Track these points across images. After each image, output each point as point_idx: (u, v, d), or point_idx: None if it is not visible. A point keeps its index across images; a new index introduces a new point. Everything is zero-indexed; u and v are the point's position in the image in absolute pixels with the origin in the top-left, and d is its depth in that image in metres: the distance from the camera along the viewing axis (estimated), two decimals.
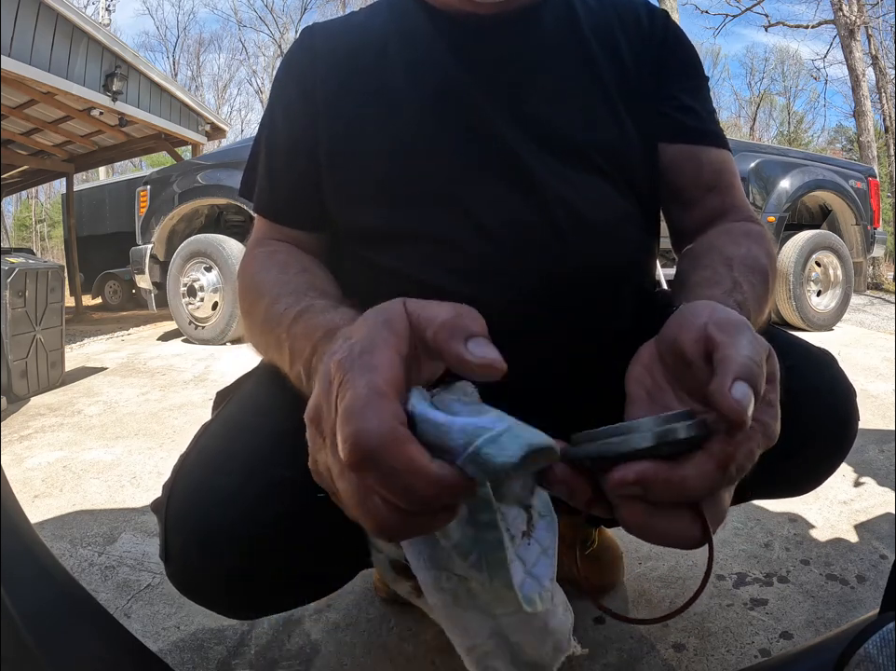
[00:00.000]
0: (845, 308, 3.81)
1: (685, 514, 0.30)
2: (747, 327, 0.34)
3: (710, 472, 0.29)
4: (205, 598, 0.48)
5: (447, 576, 0.34)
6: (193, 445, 0.49)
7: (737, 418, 0.29)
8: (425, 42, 0.59)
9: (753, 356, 0.31)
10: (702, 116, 0.62)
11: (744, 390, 0.29)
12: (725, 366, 0.30)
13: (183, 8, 39.23)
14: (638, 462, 0.29)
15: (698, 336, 0.34)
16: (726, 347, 0.32)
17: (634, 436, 0.29)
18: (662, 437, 0.29)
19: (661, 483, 0.29)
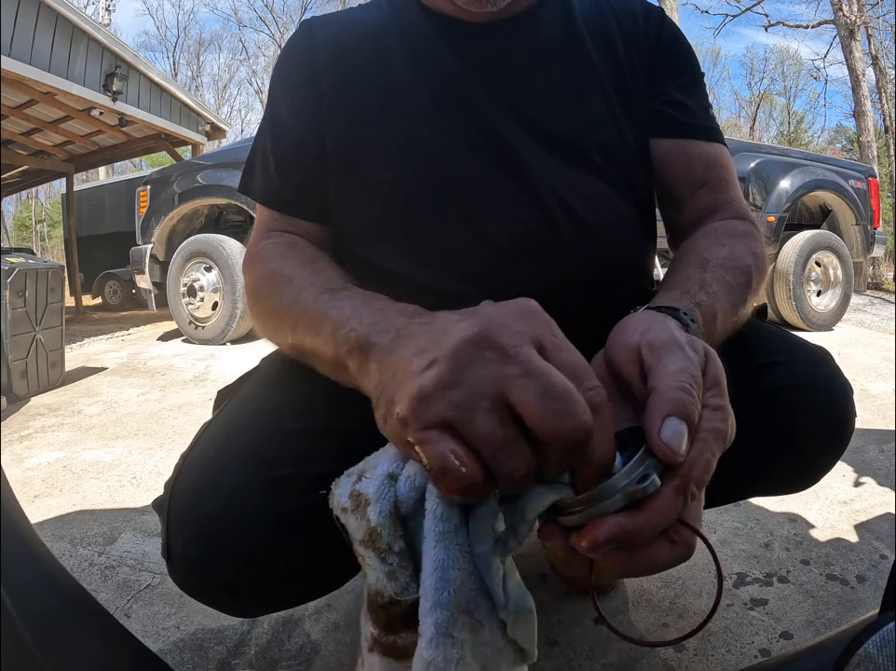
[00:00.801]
0: (845, 308, 3.81)
1: (661, 543, 0.31)
2: (676, 345, 0.34)
3: (671, 503, 0.30)
4: (206, 596, 0.48)
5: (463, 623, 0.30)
6: (195, 444, 0.49)
7: (670, 460, 0.30)
8: (424, 41, 0.59)
9: (681, 382, 0.32)
10: (694, 111, 0.61)
11: (674, 426, 0.30)
12: (653, 403, 0.32)
13: (184, 8, 39.27)
14: (605, 521, 0.29)
15: (632, 357, 0.35)
16: (655, 375, 0.33)
17: (608, 503, 0.30)
18: (631, 497, 0.30)
19: (629, 533, 0.29)
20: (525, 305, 0.32)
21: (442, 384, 0.29)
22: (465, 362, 0.29)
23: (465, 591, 0.30)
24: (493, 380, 0.28)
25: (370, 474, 0.34)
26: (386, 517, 0.32)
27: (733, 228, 0.56)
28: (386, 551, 0.32)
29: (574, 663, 0.75)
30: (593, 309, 0.56)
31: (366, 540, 0.33)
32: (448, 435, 0.28)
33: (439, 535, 0.30)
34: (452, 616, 0.30)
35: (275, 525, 0.43)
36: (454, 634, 0.30)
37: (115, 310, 6.95)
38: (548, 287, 0.54)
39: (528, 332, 0.30)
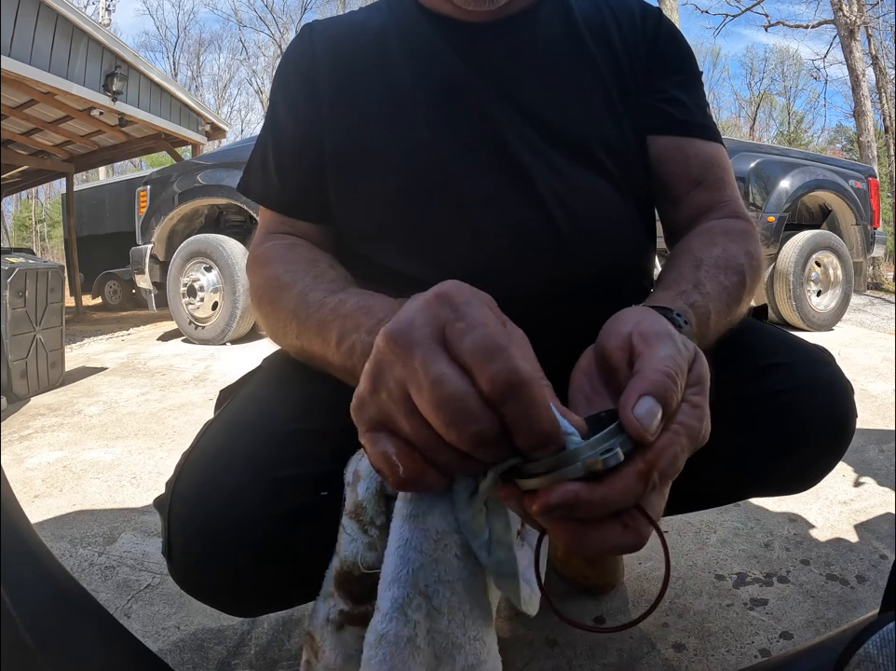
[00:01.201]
0: (845, 307, 3.81)
1: (614, 524, 0.30)
2: (669, 336, 0.34)
3: (631, 485, 0.29)
4: (207, 596, 0.48)
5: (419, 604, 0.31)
6: (196, 443, 0.49)
7: (638, 437, 0.30)
8: (425, 42, 0.59)
9: (666, 367, 0.32)
10: (691, 109, 0.61)
11: (649, 405, 0.30)
12: (634, 381, 0.31)
13: (184, 8, 39.26)
14: (560, 486, 0.29)
15: (622, 345, 0.35)
16: (642, 359, 0.33)
17: (567, 470, 0.29)
18: (591, 467, 0.29)
19: (583, 503, 0.29)
20: (434, 291, 0.30)
21: (369, 390, 0.30)
22: (381, 367, 0.30)
23: (424, 574, 0.31)
24: (398, 385, 0.29)
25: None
26: (372, 494, 0.35)
27: (728, 227, 0.56)
28: (368, 524, 0.35)
29: (574, 663, 0.75)
30: (593, 309, 0.56)
31: (353, 511, 0.36)
32: (386, 436, 0.30)
33: (405, 516, 0.32)
34: (408, 595, 0.31)
35: (276, 524, 0.43)
36: (408, 613, 0.31)
37: (115, 310, 6.95)
38: (548, 286, 0.54)
39: (430, 326, 0.29)
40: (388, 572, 0.31)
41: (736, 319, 0.50)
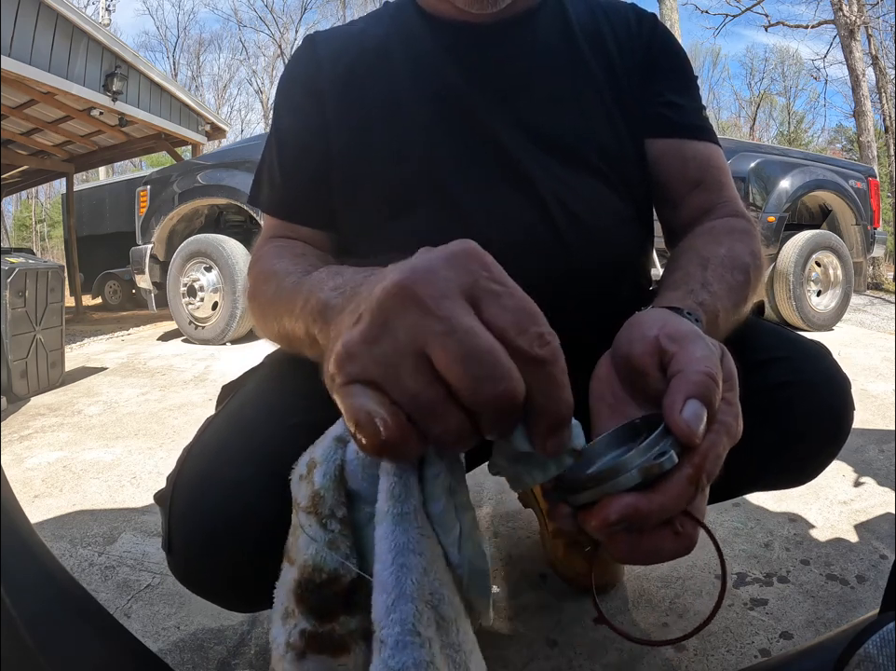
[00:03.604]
0: (845, 307, 3.81)
1: (666, 532, 0.31)
2: (698, 335, 0.34)
3: (684, 491, 0.30)
4: (206, 590, 0.48)
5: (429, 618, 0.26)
6: (198, 437, 0.50)
7: (687, 440, 0.30)
8: (425, 49, 0.60)
9: (707, 367, 0.32)
10: (688, 112, 0.62)
11: (695, 408, 0.30)
12: (677, 384, 0.31)
13: (184, 8, 39.22)
14: (617, 500, 0.29)
15: (651, 350, 0.34)
16: (678, 361, 0.33)
17: (624, 478, 0.29)
18: (648, 473, 0.29)
19: (642, 515, 0.29)
20: (460, 246, 0.28)
21: (365, 339, 0.26)
22: (388, 316, 0.26)
23: (428, 580, 0.27)
24: (413, 337, 0.25)
25: (322, 440, 0.33)
26: (331, 480, 0.30)
27: (730, 226, 0.57)
28: (328, 516, 0.30)
29: (574, 663, 0.75)
30: (593, 308, 0.56)
31: (309, 505, 0.31)
32: (369, 391, 0.26)
33: (397, 517, 0.27)
34: (417, 610, 0.26)
35: (276, 519, 0.44)
36: (421, 631, 0.26)
37: (115, 310, 6.95)
38: (548, 287, 0.54)
39: (458, 279, 0.26)
40: (389, 587, 0.26)
41: (741, 317, 0.50)
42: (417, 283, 0.26)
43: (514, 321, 0.26)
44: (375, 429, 0.25)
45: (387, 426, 0.25)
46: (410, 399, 0.25)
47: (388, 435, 0.25)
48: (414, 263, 0.27)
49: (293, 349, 0.47)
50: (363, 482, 0.30)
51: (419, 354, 0.25)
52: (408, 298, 0.26)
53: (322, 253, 0.58)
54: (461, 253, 0.27)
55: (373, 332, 0.26)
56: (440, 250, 0.28)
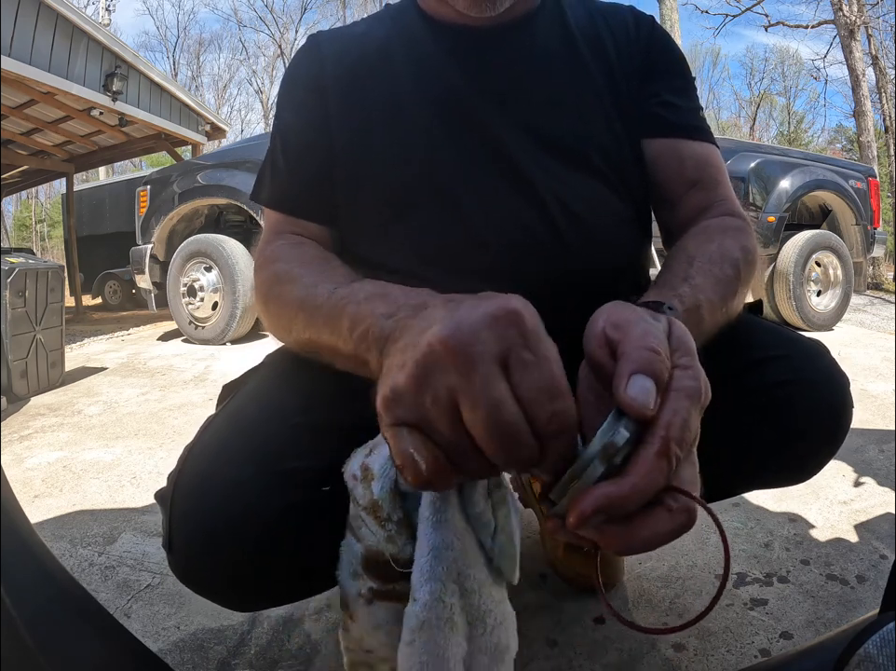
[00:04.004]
0: (845, 307, 3.81)
1: (659, 512, 0.31)
2: (640, 318, 0.35)
3: (655, 464, 0.29)
4: (206, 589, 0.48)
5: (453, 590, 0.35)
6: (199, 437, 0.50)
7: (638, 413, 0.30)
8: (427, 51, 0.60)
9: (647, 342, 0.32)
10: (685, 112, 0.63)
11: (640, 382, 0.30)
12: (620, 365, 0.32)
13: (184, 8, 39.21)
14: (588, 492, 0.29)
15: (600, 342, 0.35)
16: (622, 345, 0.33)
17: (588, 473, 0.30)
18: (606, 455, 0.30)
19: (616, 500, 0.29)
20: (505, 308, 0.30)
21: (409, 387, 0.30)
22: (430, 370, 0.29)
23: (456, 567, 0.35)
24: (449, 393, 0.29)
25: (377, 452, 0.38)
26: (387, 492, 0.37)
27: (724, 225, 0.57)
28: (385, 520, 0.37)
29: (574, 663, 0.75)
30: (593, 309, 0.56)
31: (369, 507, 0.38)
32: (414, 433, 0.30)
33: (434, 523, 0.34)
34: (444, 585, 0.34)
35: (277, 518, 0.44)
36: (445, 599, 0.34)
37: (115, 310, 6.95)
38: (548, 287, 0.54)
39: (495, 345, 0.29)
40: (425, 571, 0.34)
41: (733, 311, 0.50)
42: (460, 344, 0.29)
43: (536, 397, 0.29)
44: (418, 468, 0.29)
45: (428, 466, 0.29)
46: (446, 444, 0.29)
47: (429, 473, 0.29)
48: (460, 319, 0.30)
49: (320, 356, 0.46)
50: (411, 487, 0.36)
51: (454, 410, 0.29)
52: (449, 357, 0.29)
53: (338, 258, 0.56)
54: (503, 317, 0.29)
55: (416, 382, 0.30)
56: (485, 307, 0.30)
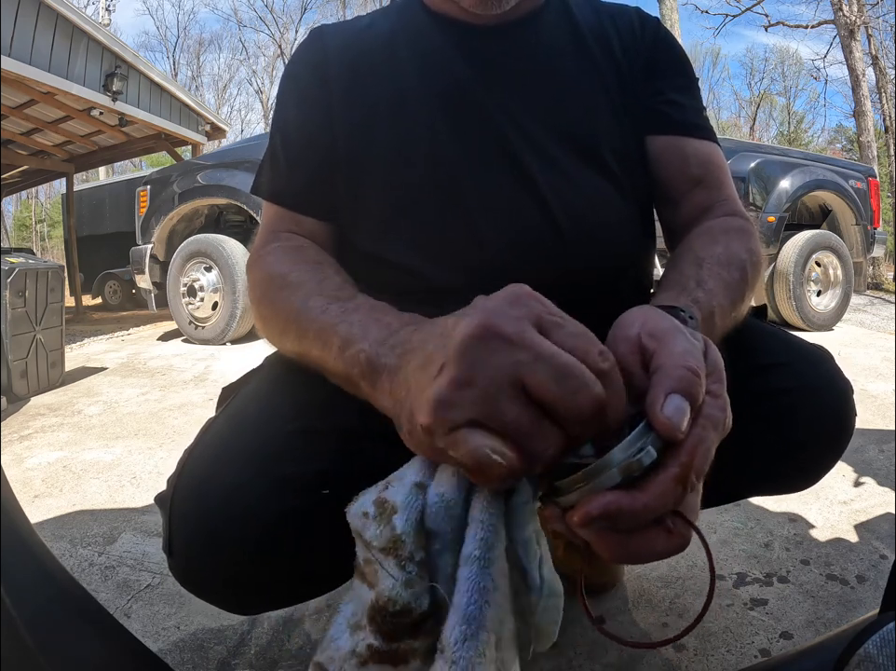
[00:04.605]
0: (845, 307, 3.81)
1: (657, 531, 0.30)
2: (679, 330, 0.34)
3: (671, 490, 0.29)
4: (206, 592, 0.48)
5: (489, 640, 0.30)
6: (198, 440, 0.49)
7: (670, 436, 0.29)
8: (432, 46, 0.60)
9: (687, 361, 0.31)
10: (689, 111, 0.62)
11: (676, 402, 0.30)
12: (658, 380, 0.31)
13: (184, 8, 39.20)
14: (599, 496, 0.29)
15: (632, 348, 0.34)
16: (658, 356, 0.33)
17: (604, 478, 0.29)
18: (628, 471, 0.29)
19: (626, 513, 0.29)
20: (517, 290, 0.32)
21: (457, 385, 0.29)
22: (474, 358, 0.29)
23: (500, 612, 0.31)
24: (506, 369, 0.29)
25: (396, 484, 0.34)
26: (412, 526, 0.32)
27: (728, 226, 0.57)
28: (407, 559, 0.32)
29: (574, 663, 0.75)
30: (594, 308, 0.56)
31: (388, 547, 0.33)
32: (478, 431, 0.29)
33: (485, 562, 0.31)
34: (488, 638, 0.30)
35: (276, 522, 0.44)
36: (488, 653, 0.30)
37: (115, 310, 6.95)
38: (548, 286, 0.54)
39: (527, 315, 0.30)
40: (472, 620, 0.30)
41: (739, 315, 0.50)
42: (497, 322, 0.30)
43: (579, 344, 0.30)
44: (498, 464, 0.28)
45: (508, 458, 0.28)
46: (513, 425, 0.29)
47: (511, 463, 0.28)
48: (483, 307, 0.31)
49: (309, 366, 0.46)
50: (443, 523, 0.33)
51: (514, 383, 0.29)
52: (493, 336, 0.29)
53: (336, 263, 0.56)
54: (521, 294, 0.32)
55: (465, 374, 0.29)
56: (498, 295, 0.32)
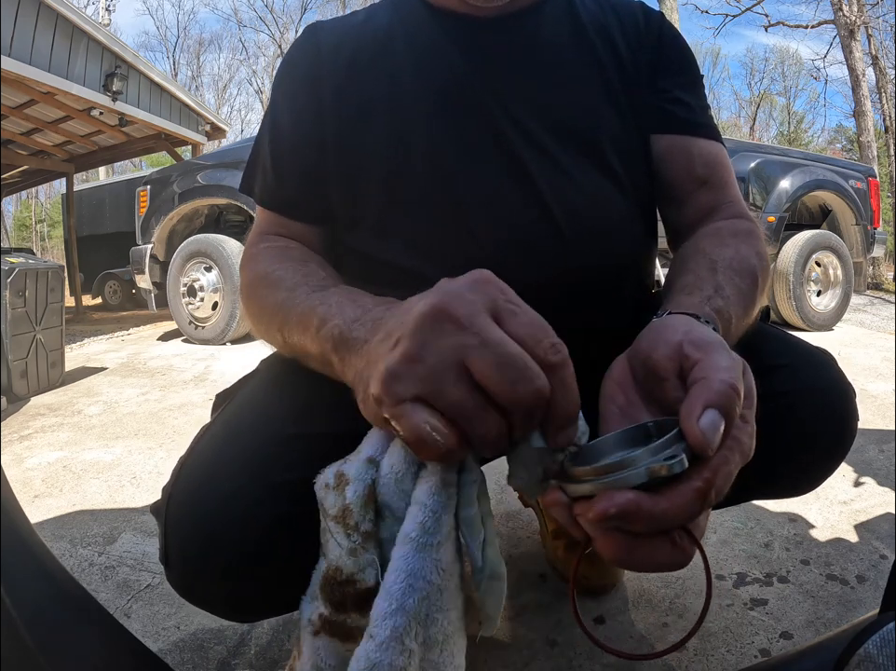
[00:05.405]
0: (845, 307, 3.81)
1: (662, 542, 0.30)
2: (722, 346, 0.34)
3: (690, 503, 0.29)
4: (204, 601, 0.47)
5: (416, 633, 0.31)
6: (192, 448, 0.49)
7: (700, 449, 0.29)
8: (429, 39, 0.59)
9: (731, 378, 0.31)
10: (694, 109, 0.62)
11: (713, 417, 0.30)
12: (698, 390, 0.31)
13: (184, 8, 39.22)
14: (620, 493, 0.29)
15: (673, 355, 0.34)
16: (702, 368, 0.32)
17: (629, 474, 0.29)
18: (656, 473, 0.29)
19: (643, 516, 0.29)
20: (479, 274, 0.32)
21: (408, 359, 0.30)
22: (427, 337, 0.30)
23: (427, 604, 0.32)
24: (453, 351, 0.29)
25: (353, 457, 0.37)
26: (360, 498, 0.35)
27: (736, 228, 0.56)
28: (353, 528, 0.35)
29: (574, 663, 0.75)
30: (593, 307, 0.56)
31: (338, 515, 0.35)
32: (421, 407, 0.29)
33: (420, 545, 0.32)
34: (408, 624, 0.31)
35: (272, 529, 0.43)
36: (406, 642, 0.31)
37: (115, 310, 6.95)
38: (548, 284, 0.54)
39: (482, 300, 0.30)
40: (393, 600, 0.31)
41: (750, 322, 0.50)
42: (451, 305, 0.30)
43: (531, 333, 0.30)
44: (433, 439, 0.29)
45: (445, 436, 0.29)
46: (455, 407, 0.29)
47: (448, 442, 0.29)
48: (442, 288, 0.31)
49: (298, 359, 0.48)
50: (394, 496, 0.34)
51: (459, 366, 0.29)
52: (445, 318, 0.30)
53: (322, 259, 0.57)
54: (481, 279, 0.32)
55: (415, 351, 0.30)
56: (461, 278, 0.32)
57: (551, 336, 0.30)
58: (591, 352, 0.55)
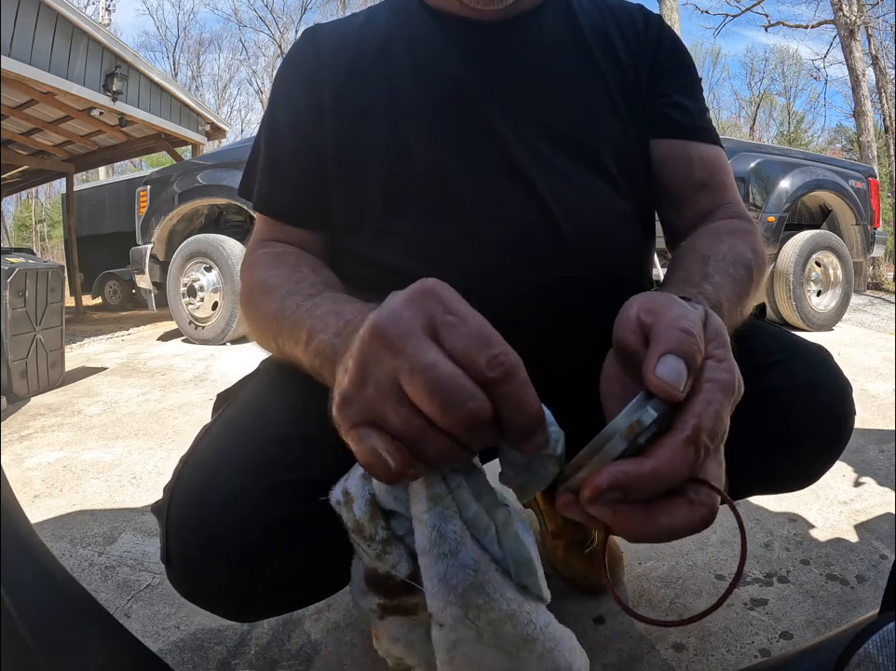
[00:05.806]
0: (845, 307, 3.81)
1: (678, 502, 0.30)
2: (674, 302, 0.34)
3: (680, 453, 0.29)
4: (205, 601, 0.47)
5: (475, 615, 0.33)
6: (194, 448, 0.49)
7: (667, 395, 0.29)
8: (429, 43, 0.59)
9: (681, 323, 0.31)
10: (693, 113, 0.62)
11: (671, 363, 0.30)
12: (652, 346, 0.31)
13: (184, 8, 39.22)
14: (607, 467, 0.29)
15: (633, 328, 0.34)
16: (655, 327, 0.32)
17: (608, 446, 0.29)
18: (631, 434, 0.29)
19: (634, 480, 0.28)
20: (419, 286, 0.30)
21: (354, 385, 0.30)
22: (367, 360, 0.29)
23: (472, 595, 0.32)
24: (387, 376, 0.29)
25: (352, 473, 0.38)
26: (366, 513, 0.36)
27: (732, 227, 0.57)
28: (370, 539, 0.36)
29: None
30: (592, 309, 0.56)
31: (354, 529, 0.37)
32: (373, 431, 0.29)
33: (438, 555, 0.33)
34: (463, 611, 0.32)
35: (273, 529, 0.43)
36: (470, 618, 0.32)
37: (115, 310, 6.95)
38: (548, 287, 0.54)
39: (418, 318, 0.29)
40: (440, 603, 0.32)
41: (745, 311, 0.50)
42: (386, 326, 0.29)
43: (468, 346, 0.28)
44: (385, 463, 0.29)
45: (395, 459, 0.28)
46: (399, 430, 0.28)
47: (397, 467, 0.28)
48: (383, 307, 0.31)
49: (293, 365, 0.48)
50: (394, 503, 0.36)
51: (397, 390, 0.28)
52: (380, 341, 0.29)
53: (316, 261, 0.57)
54: (418, 292, 0.30)
55: (359, 377, 0.29)
56: (402, 293, 0.31)
57: (492, 348, 0.28)
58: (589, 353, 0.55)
